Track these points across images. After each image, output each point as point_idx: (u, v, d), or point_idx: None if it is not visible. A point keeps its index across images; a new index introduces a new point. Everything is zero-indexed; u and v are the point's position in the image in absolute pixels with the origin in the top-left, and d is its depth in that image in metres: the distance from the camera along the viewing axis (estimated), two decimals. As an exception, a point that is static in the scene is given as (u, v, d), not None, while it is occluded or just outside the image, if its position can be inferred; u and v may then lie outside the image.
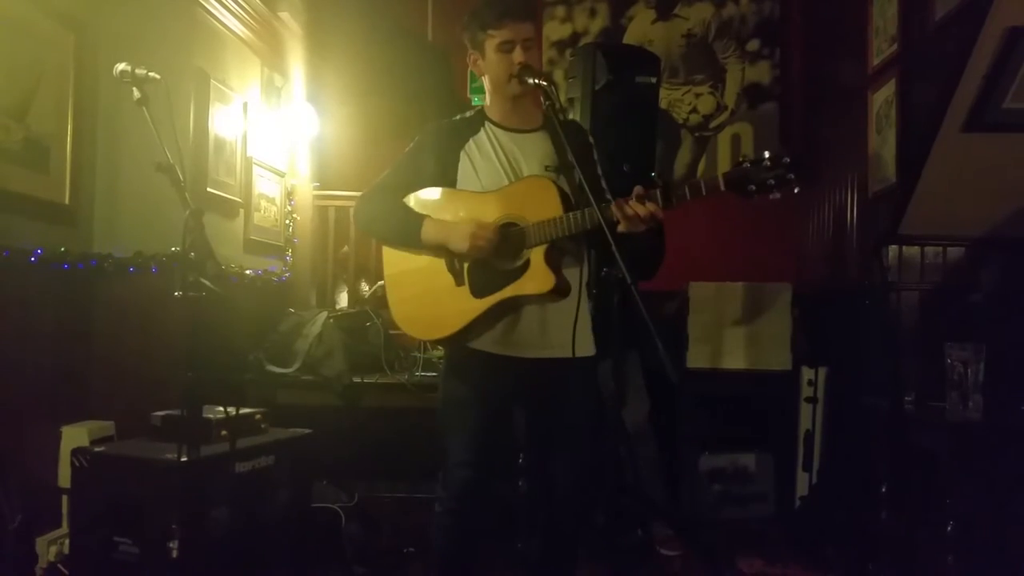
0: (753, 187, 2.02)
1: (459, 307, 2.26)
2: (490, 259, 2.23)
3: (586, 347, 2.32)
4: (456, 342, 2.31)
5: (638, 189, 2.08)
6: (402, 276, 2.36)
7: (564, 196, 2.21)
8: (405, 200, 2.34)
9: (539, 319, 2.25)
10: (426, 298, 2.32)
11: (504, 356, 2.26)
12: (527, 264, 2.21)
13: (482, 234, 2.20)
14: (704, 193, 2.05)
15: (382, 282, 2.43)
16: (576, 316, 2.20)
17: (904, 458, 3.10)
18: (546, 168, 2.30)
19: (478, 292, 2.25)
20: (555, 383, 2.28)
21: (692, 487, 3.91)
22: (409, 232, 2.29)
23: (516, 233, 2.22)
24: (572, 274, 2.26)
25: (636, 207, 2.06)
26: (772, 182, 2.02)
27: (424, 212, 2.30)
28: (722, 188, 2.03)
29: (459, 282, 2.27)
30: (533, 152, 2.33)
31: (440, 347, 2.94)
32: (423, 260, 2.31)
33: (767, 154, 2.03)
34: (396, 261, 2.37)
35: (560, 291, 2.21)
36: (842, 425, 3.70)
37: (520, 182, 2.28)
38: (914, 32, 3.28)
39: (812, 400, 3.73)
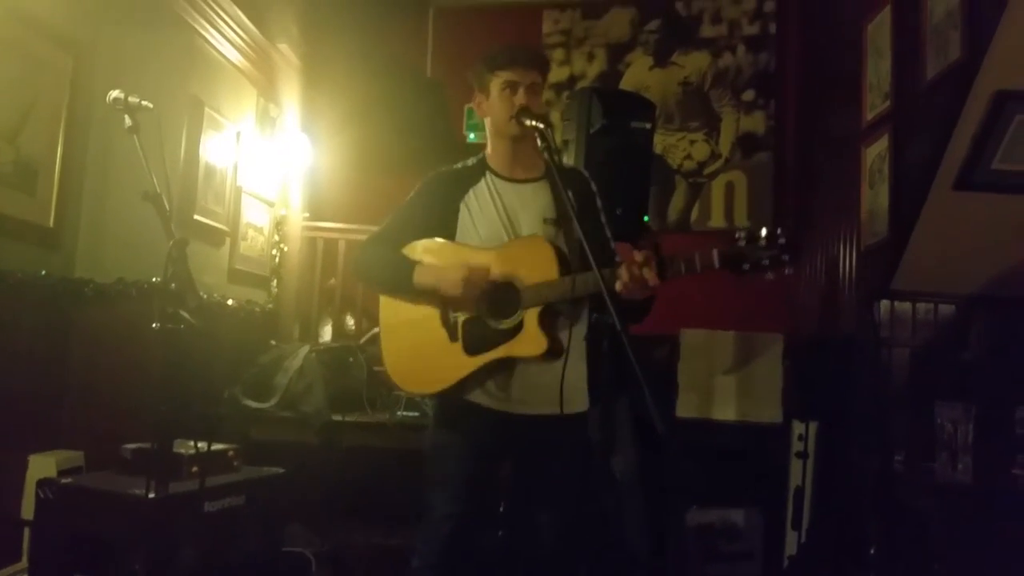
0: (747, 266, 2.01)
1: (451, 363, 2.24)
2: (484, 317, 2.22)
3: (579, 403, 2.29)
4: (448, 395, 2.28)
5: (639, 255, 2.03)
6: (397, 328, 2.34)
7: (561, 257, 2.20)
8: (403, 251, 2.32)
9: (531, 376, 2.23)
10: (419, 352, 2.29)
11: (495, 410, 2.23)
12: (520, 325, 2.20)
13: (475, 280, 2.18)
14: (699, 269, 2.03)
15: (377, 329, 2.40)
16: (563, 373, 2.17)
17: (893, 519, 3.06)
18: (545, 221, 2.28)
19: (471, 350, 2.23)
20: (544, 440, 2.25)
21: (679, 542, 3.84)
22: (401, 277, 2.26)
23: (511, 293, 2.21)
24: (564, 331, 2.23)
25: (643, 272, 2.02)
26: (766, 262, 2.00)
27: (419, 259, 2.29)
28: (717, 265, 2.01)
29: (453, 338, 2.24)
30: (533, 204, 2.32)
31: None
32: (418, 313, 2.29)
33: (764, 231, 2.00)
34: (392, 312, 2.35)
35: (553, 354, 2.19)
36: (832, 482, 3.65)
37: (517, 241, 2.27)
38: (907, 89, 3.29)
39: (803, 455, 3.67)
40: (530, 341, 2.19)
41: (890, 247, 3.31)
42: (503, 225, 2.29)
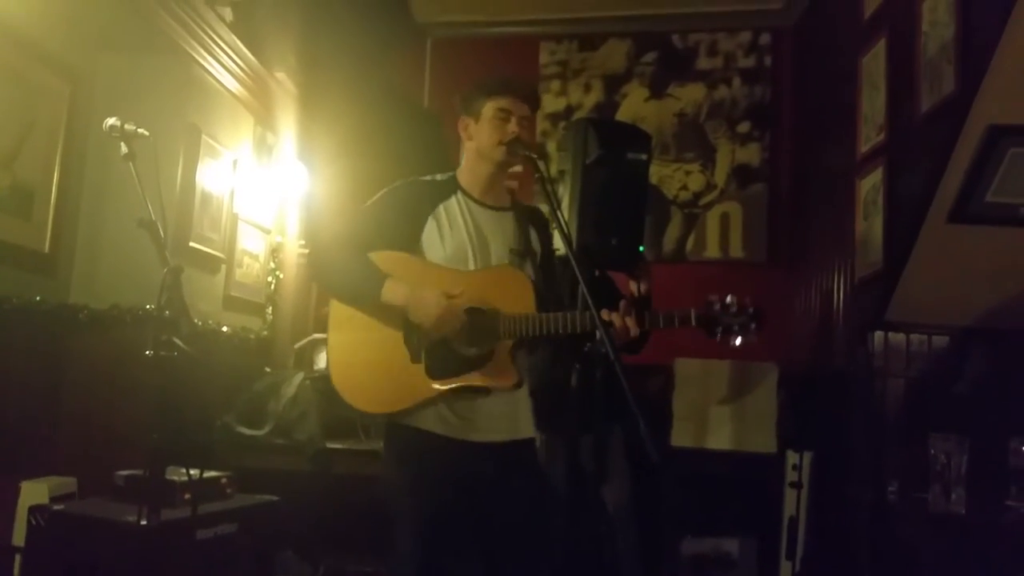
0: (719, 328, 2.18)
1: (411, 384, 2.17)
2: (452, 342, 2.18)
3: (527, 429, 2.30)
4: (399, 417, 2.21)
5: (623, 304, 2.17)
6: (352, 339, 2.23)
7: (538, 292, 2.22)
8: (368, 257, 2.23)
9: (488, 404, 2.21)
10: (375, 367, 2.20)
11: (450, 438, 2.19)
12: (491, 355, 2.17)
13: (450, 317, 2.14)
14: (676, 325, 2.19)
15: (317, 336, 2.35)
16: (517, 399, 2.20)
17: (887, 550, 3.05)
18: (512, 251, 2.29)
19: (434, 373, 2.17)
20: (501, 466, 2.22)
21: (673, 571, 3.82)
22: (367, 289, 2.17)
23: (485, 321, 2.17)
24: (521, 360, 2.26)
25: (625, 321, 2.16)
26: (736, 327, 2.17)
27: (387, 273, 2.20)
28: (693, 323, 2.19)
29: (415, 359, 2.18)
30: (501, 231, 2.32)
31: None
32: (375, 326, 2.20)
33: (733, 299, 2.20)
34: (346, 321, 2.23)
35: (518, 385, 2.21)
36: (826, 512, 3.64)
37: (495, 269, 2.26)
38: (901, 122, 3.31)
39: (797, 485, 3.66)
40: (502, 372, 2.17)
41: (884, 278, 3.32)
42: (471, 246, 2.26)
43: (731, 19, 5.03)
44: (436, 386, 2.16)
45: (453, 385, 2.16)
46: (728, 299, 2.18)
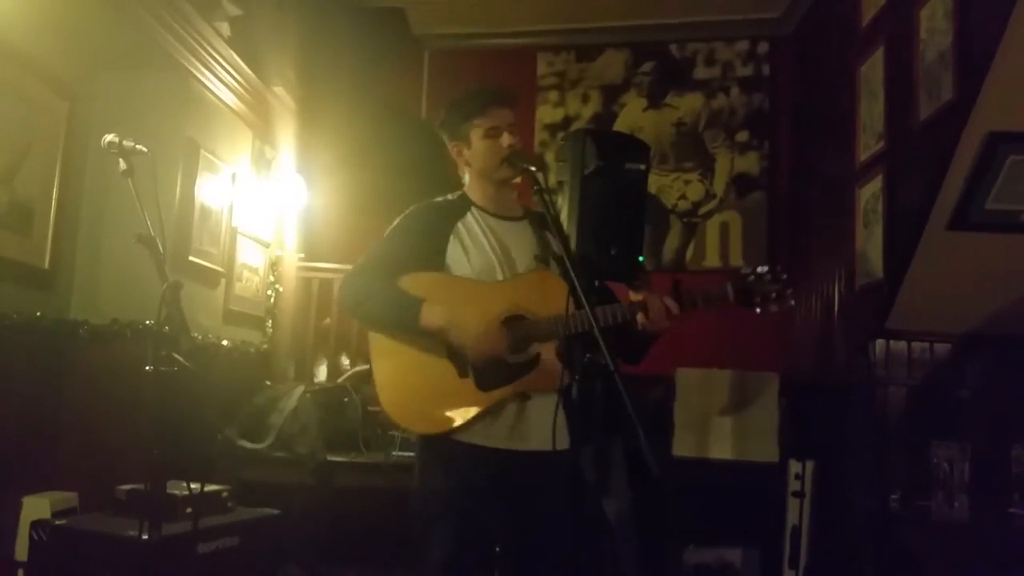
0: (758, 298, 2.19)
1: (463, 400, 2.16)
2: (500, 348, 2.16)
3: (563, 440, 2.23)
4: (455, 434, 2.19)
5: (668, 299, 2.19)
6: (395, 361, 2.22)
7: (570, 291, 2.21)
8: (399, 283, 2.22)
9: (531, 411, 2.19)
10: (425, 389, 2.19)
11: (488, 448, 2.18)
12: (537, 359, 2.17)
13: (491, 338, 2.12)
14: (715, 305, 2.21)
15: (365, 367, 2.34)
16: (556, 409, 2.12)
17: (890, 558, 3.04)
18: (535, 257, 2.29)
19: (484, 385, 2.15)
20: (537, 478, 2.20)
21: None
22: (406, 316, 2.15)
23: (525, 326, 2.17)
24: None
25: (665, 301, 2.17)
26: (774, 295, 2.19)
27: (422, 296, 2.18)
28: (731, 298, 2.21)
29: (463, 373, 2.17)
30: (521, 240, 2.32)
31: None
32: (418, 347, 2.19)
33: (765, 268, 2.21)
34: (388, 347, 2.22)
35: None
36: (829, 521, 3.62)
37: (527, 275, 2.26)
38: (900, 130, 3.31)
39: (799, 494, 3.65)
40: (550, 375, 2.13)
41: (885, 287, 3.32)
42: (497, 259, 2.26)
43: (729, 28, 5.04)
44: (487, 397, 2.15)
45: (503, 395, 2.16)
46: (760, 268, 2.20)
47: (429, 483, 2.26)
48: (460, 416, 2.16)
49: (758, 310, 2.18)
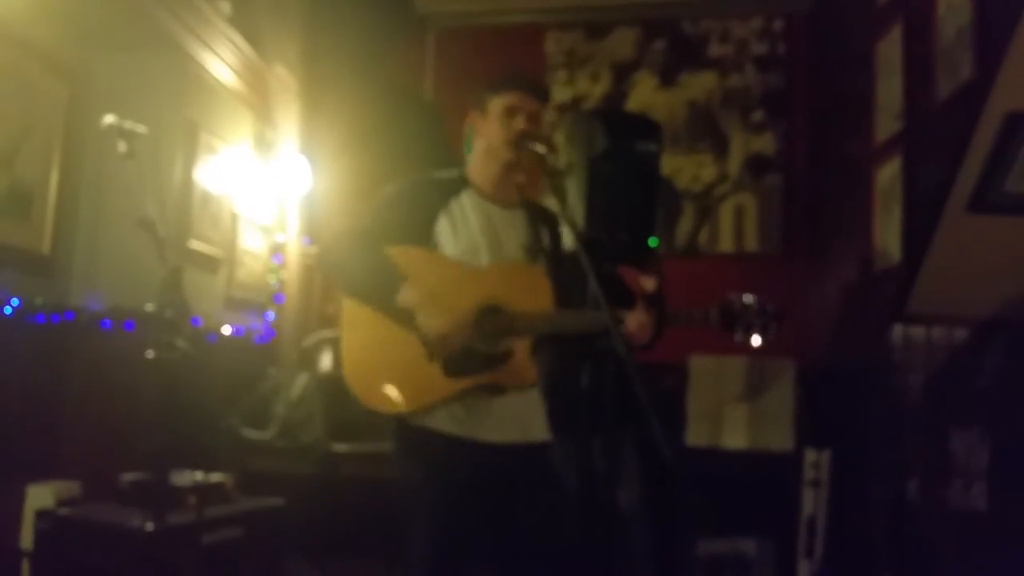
0: (740, 327, 2.27)
1: (428, 384, 2.14)
2: (470, 339, 2.15)
3: (540, 431, 2.28)
4: (414, 418, 2.18)
5: (639, 306, 2.27)
6: (366, 336, 2.20)
7: (555, 291, 2.23)
8: (385, 254, 2.21)
9: (510, 406, 2.20)
10: (391, 365, 2.17)
11: (461, 437, 2.16)
12: (509, 353, 2.16)
13: (455, 336, 2.11)
14: (695, 324, 2.30)
15: (327, 333, 2.34)
16: (527, 400, 2.20)
17: (907, 547, 3.01)
18: (523, 248, 2.29)
19: (452, 371, 2.14)
20: (517, 470, 2.20)
21: (688, 573, 3.79)
22: (384, 291, 2.15)
23: (502, 318, 2.16)
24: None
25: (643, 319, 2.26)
26: (756, 326, 2.26)
27: (404, 271, 2.17)
28: (712, 324, 2.29)
29: (432, 357, 2.15)
30: (513, 229, 2.32)
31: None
32: (392, 323, 2.17)
33: (752, 298, 2.28)
34: (359, 318, 2.21)
35: (535, 383, 2.22)
36: (845, 510, 3.59)
37: (512, 267, 2.26)
38: (919, 110, 3.27)
39: (815, 483, 3.62)
40: (521, 370, 2.17)
41: (903, 270, 3.28)
42: (486, 242, 2.26)
43: (743, 5, 4.97)
44: (453, 385, 2.14)
45: (470, 384, 2.15)
46: (748, 299, 2.25)
47: (402, 476, 2.25)
48: (420, 399, 2.14)
49: (738, 339, 2.26)
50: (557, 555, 2.23)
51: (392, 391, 2.16)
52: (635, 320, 2.21)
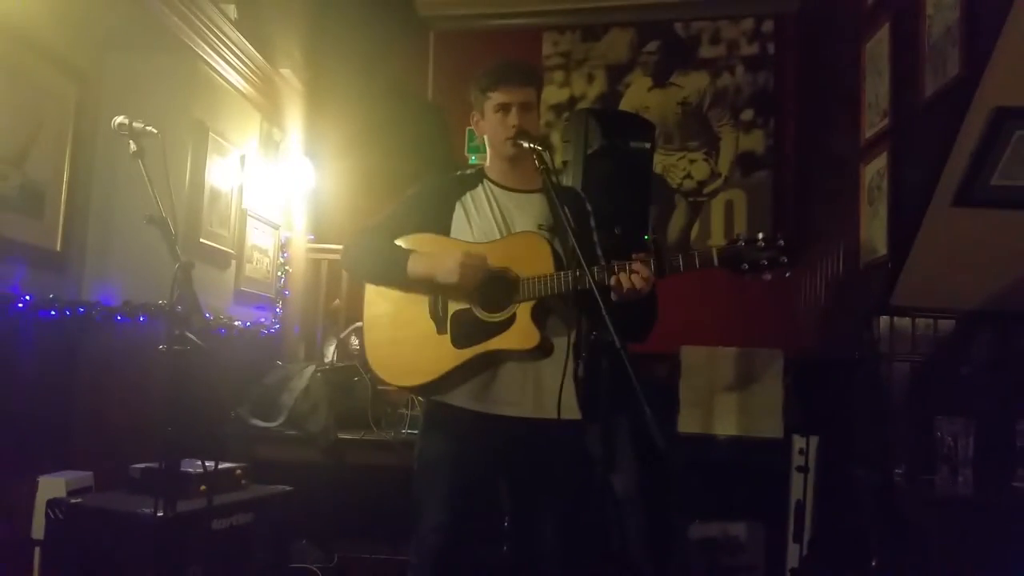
0: (746, 266, 2.08)
1: (437, 355, 2.23)
2: (475, 308, 2.23)
3: (571, 411, 2.28)
4: (431, 392, 2.28)
5: (637, 257, 2.12)
6: (381, 318, 2.33)
7: (556, 255, 2.23)
8: (393, 241, 2.33)
9: (522, 377, 2.24)
10: (404, 344, 2.28)
11: (484, 414, 2.23)
12: (512, 319, 2.20)
13: (471, 264, 2.18)
14: (698, 266, 2.09)
15: (358, 325, 2.42)
16: (563, 379, 2.17)
17: (894, 532, 3.06)
18: (540, 226, 2.32)
19: (459, 342, 2.23)
20: (538, 445, 2.24)
21: (681, 556, 3.84)
22: (394, 266, 2.26)
23: (505, 286, 2.21)
24: (561, 337, 2.25)
25: (632, 276, 2.10)
26: (765, 262, 2.07)
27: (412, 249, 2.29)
28: (715, 263, 2.08)
29: (440, 330, 2.25)
30: (528, 210, 2.35)
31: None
32: (405, 303, 2.29)
33: (761, 235, 2.09)
34: (377, 302, 2.34)
35: (543, 349, 2.21)
36: (833, 496, 3.66)
37: (513, 236, 2.30)
38: (906, 107, 3.30)
39: (803, 469, 3.68)
40: (522, 334, 2.19)
41: (889, 263, 3.33)
42: (498, 226, 2.32)
43: (734, 6, 5.02)
44: (459, 354, 2.21)
45: (475, 352, 2.21)
46: (761, 235, 2.09)
47: (423, 451, 2.34)
48: (431, 371, 2.24)
49: (747, 276, 2.09)
50: (569, 529, 2.30)
51: (404, 365, 2.29)
52: (626, 279, 2.12)
